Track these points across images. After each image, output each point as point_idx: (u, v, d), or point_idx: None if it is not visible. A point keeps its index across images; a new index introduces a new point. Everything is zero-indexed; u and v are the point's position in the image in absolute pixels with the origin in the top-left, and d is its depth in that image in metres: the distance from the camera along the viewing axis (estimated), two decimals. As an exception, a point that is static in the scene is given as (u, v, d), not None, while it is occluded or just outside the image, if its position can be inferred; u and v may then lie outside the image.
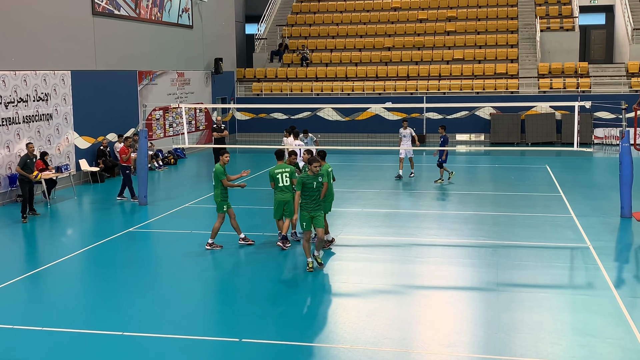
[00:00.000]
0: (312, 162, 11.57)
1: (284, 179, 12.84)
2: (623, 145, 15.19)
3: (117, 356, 8.38)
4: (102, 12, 22.28)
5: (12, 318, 9.63)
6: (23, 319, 9.64)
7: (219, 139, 21.91)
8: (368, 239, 14.00)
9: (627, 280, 11.07)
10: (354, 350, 8.40)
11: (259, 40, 36.29)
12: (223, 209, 13.06)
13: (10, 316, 9.73)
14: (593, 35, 37.69)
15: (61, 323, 9.46)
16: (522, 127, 29.19)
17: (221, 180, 12.89)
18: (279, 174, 12.85)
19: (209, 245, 13.12)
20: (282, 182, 12.84)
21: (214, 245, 13.12)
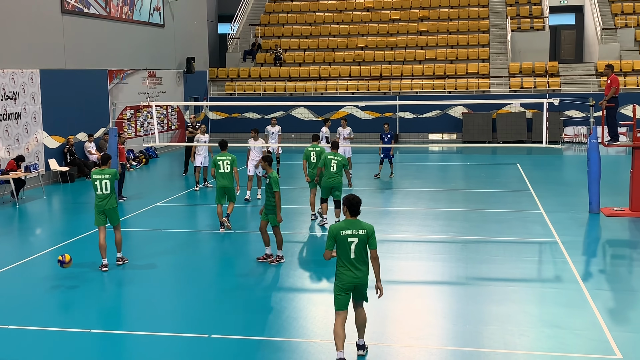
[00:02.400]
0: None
1: (224, 166, 13.96)
2: (591, 141, 15.39)
3: (85, 353, 8.30)
4: (71, 11, 22.05)
5: (-23, 317, 9.49)
6: (-12, 317, 9.51)
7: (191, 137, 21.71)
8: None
9: (594, 274, 11.22)
10: (323, 345, 8.41)
11: (232, 40, 36.18)
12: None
13: (-24, 315, 9.59)
14: (563, 35, 38.14)
15: (30, 321, 9.34)
16: (493, 126, 29.44)
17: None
18: (220, 161, 13.96)
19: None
20: (223, 168, 13.93)
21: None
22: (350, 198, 7.69)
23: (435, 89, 30.79)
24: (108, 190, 11.57)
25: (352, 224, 7.65)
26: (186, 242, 13.72)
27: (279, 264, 11.75)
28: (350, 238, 7.61)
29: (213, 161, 14.14)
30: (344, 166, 14.29)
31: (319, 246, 13.37)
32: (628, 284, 10.71)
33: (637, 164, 15.11)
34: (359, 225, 7.66)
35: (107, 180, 11.55)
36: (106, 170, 11.70)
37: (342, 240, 7.62)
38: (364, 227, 7.64)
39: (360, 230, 7.63)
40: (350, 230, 7.62)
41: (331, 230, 7.67)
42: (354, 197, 7.72)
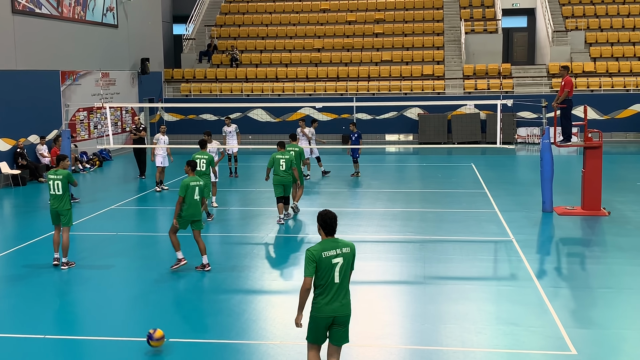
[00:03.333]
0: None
1: (201, 164, 14.53)
2: (544, 142, 15.68)
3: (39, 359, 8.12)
4: (22, 11, 21.57)
5: None
6: (-63, 325, 9.22)
7: (138, 140, 21.45)
8: (298, 237, 14.03)
9: (549, 272, 11.43)
10: (283, 346, 8.39)
11: (187, 41, 35.86)
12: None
13: None
14: (515, 38, 38.82)
15: (-21, 328, 9.10)
16: (448, 127, 29.79)
17: None
18: (197, 159, 14.47)
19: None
20: (200, 167, 14.42)
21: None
22: (324, 214, 6.63)
23: (391, 90, 31.04)
24: (60, 191, 11.45)
25: (332, 243, 6.58)
26: (141, 245, 13.54)
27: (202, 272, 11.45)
28: (335, 259, 6.52)
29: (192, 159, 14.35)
30: (292, 164, 14.87)
31: (278, 247, 13.34)
32: (582, 281, 10.94)
33: (588, 163, 15.46)
34: (340, 243, 6.61)
35: (59, 181, 11.42)
36: (59, 170, 11.58)
37: (326, 264, 6.50)
38: (347, 245, 6.63)
39: (345, 249, 6.60)
40: (334, 250, 6.54)
41: (311, 253, 6.49)
42: (327, 212, 6.65)
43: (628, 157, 25.69)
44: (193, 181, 11.24)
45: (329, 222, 6.60)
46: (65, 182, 11.50)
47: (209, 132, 18.01)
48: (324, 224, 6.61)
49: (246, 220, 15.63)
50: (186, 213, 11.17)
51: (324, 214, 6.63)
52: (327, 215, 6.62)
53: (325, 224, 6.61)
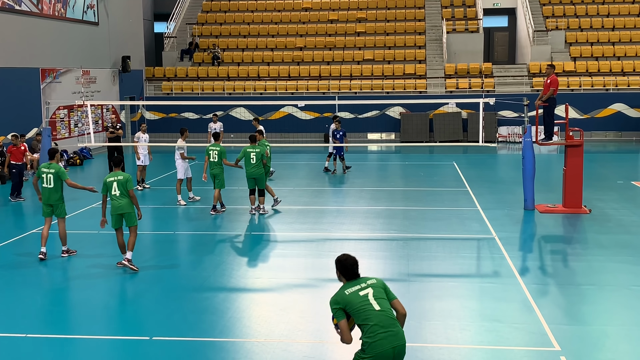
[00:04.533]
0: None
1: (213, 155, 15.50)
2: (525, 140, 15.77)
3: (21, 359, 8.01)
4: (1, 7, 21.33)
5: None
6: None
7: (113, 138, 21.18)
8: (282, 235, 13.99)
9: (531, 269, 11.50)
10: (268, 344, 8.36)
11: (169, 39, 35.65)
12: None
13: None
14: (496, 37, 39.05)
15: (-42, 328, 8.97)
16: (430, 126, 29.90)
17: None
18: (211, 151, 15.55)
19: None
20: (212, 158, 15.44)
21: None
22: (342, 260, 5.82)
23: (373, 89, 31.08)
24: (52, 185, 11.88)
25: (355, 282, 5.81)
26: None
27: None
28: (363, 291, 5.74)
29: (206, 150, 15.62)
30: (262, 157, 15.40)
31: (261, 245, 13.29)
32: (564, 278, 11.02)
33: (569, 162, 15.57)
34: (363, 279, 5.84)
35: (52, 175, 11.85)
36: (52, 164, 12.01)
37: (354, 300, 5.67)
38: (370, 278, 5.87)
39: (369, 281, 5.81)
40: (358, 285, 5.77)
41: (334, 300, 5.76)
42: (347, 258, 5.83)
43: (608, 156, 25.93)
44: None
45: (347, 267, 5.80)
46: (56, 176, 11.87)
47: (184, 129, 18.04)
48: (344, 269, 5.81)
49: (227, 217, 15.56)
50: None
51: (342, 260, 5.82)
52: (347, 261, 5.80)
53: (344, 268, 5.81)
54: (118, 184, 11.19)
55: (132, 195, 11.25)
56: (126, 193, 11.23)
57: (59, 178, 11.92)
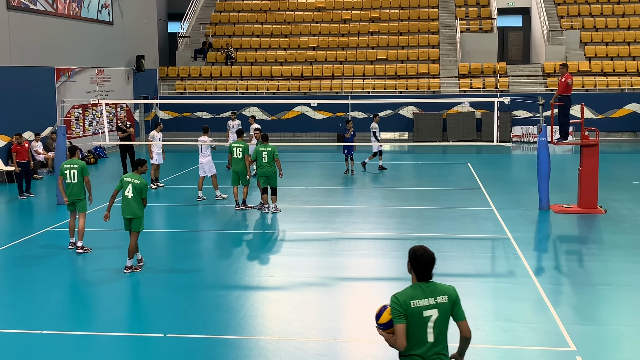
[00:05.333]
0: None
1: (237, 152, 15.74)
2: (540, 139, 15.68)
3: (38, 355, 8.05)
4: (17, 7, 21.47)
5: None
6: None
7: (125, 138, 21.31)
8: (295, 234, 13.98)
9: (546, 269, 11.43)
10: (281, 342, 8.35)
11: (182, 39, 35.76)
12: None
13: None
14: (510, 37, 38.88)
15: (-26, 324, 9.03)
16: (443, 125, 29.80)
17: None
18: (234, 148, 15.81)
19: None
20: (236, 154, 15.81)
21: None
22: (417, 252, 5.08)
23: (386, 89, 31.01)
24: (76, 180, 12.29)
25: (426, 290, 5.08)
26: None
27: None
28: (427, 311, 5.04)
29: (229, 147, 16.09)
30: (274, 156, 15.38)
31: (274, 243, 13.28)
32: (580, 278, 10.94)
33: (585, 161, 15.46)
34: (436, 289, 5.12)
35: (75, 170, 12.29)
36: (74, 160, 12.44)
37: (415, 316, 5.01)
38: (444, 292, 5.13)
39: (441, 298, 5.10)
40: (427, 299, 5.04)
41: (396, 299, 5.04)
42: (423, 251, 5.08)
43: (623, 156, 25.75)
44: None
45: (423, 264, 5.07)
46: (79, 172, 12.29)
47: (206, 127, 18.14)
48: (417, 264, 5.08)
49: (241, 215, 15.57)
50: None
51: (417, 252, 5.08)
52: (423, 257, 5.06)
53: (417, 264, 5.08)
54: (133, 187, 11.04)
55: (144, 203, 11.11)
56: (139, 198, 11.04)
57: (82, 173, 12.30)
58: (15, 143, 18.46)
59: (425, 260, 5.06)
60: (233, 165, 15.92)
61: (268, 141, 15.83)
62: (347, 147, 21.04)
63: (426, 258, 5.06)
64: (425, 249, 5.09)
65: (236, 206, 16.05)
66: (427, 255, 5.06)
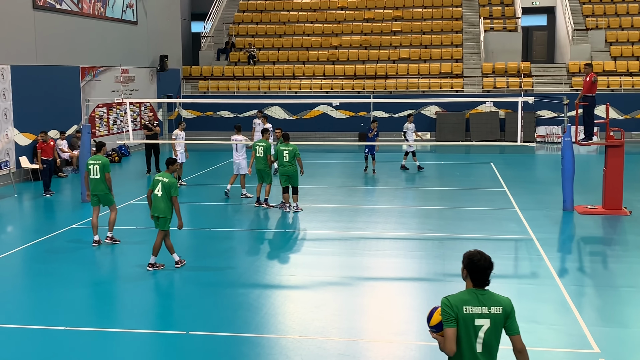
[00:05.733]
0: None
1: (259, 151, 15.96)
2: (565, 140, 15.53)
3: (60, 351, 8.14)
4: (43, 6, 21.71)
5: (-53, 315, 9.28)
6: (-41, 316, 9.29)
7: (151, 136, 21.66)
8: (316, 233, 13.99)
9: (570, 270, 11.32)
10: (302, 341, 8.36)
11: (205, 38, 35.93)
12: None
13: (-54, 313, 9.37)
14: (535, 36, 38.55)
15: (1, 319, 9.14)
16: (466, 125, 29.63)
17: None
18: (257, 146, 15.99)
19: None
20: (258, 153, 15.96)
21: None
22: (473, 257, 4.85)
23: (409, 88, 30.90)
24: (98, 175, 12.57)
25: (480, 297, 4.83)
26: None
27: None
28: (480, 320, 4.80)
29: (252, 146, 16.30)
30: (295, 155, 15.43)
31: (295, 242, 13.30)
32: (604, 279, 10.82)
33: (610, 162, 15.29)
34: (492, 299, 4.87)
35: (97, 166, 12.56)
36: (98, 156, 12.81)
37: (466, 322, 4.78)
38: (499, 302, 4.87)
39: (495, 308, 4.83)
40: (480, 307, 4.80)
41: (448, 302, 4.81)
42: (480, 256, 4.85)
43: (649, 157, 25.40)
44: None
45: (481, 270, 4.82)
46: (102, 168, 12.55)
47: (239, 125, 18.22)
48: (474, 270, 4.84)
49: (262, 214, 15.61)
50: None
51: (474, 257, 4.84)
52: (480, 262, 4.82)
53: (475, 270, 4.84)
54: (162, 185, 11.07)
55: (174, 201, 11.08)
56: (167, 197, 11.06)
57: (103, 170, 12.56)
58: (41, 141, 18.73)
59: (484, 266, 4.82)
60: (256, 163, 16.08)
61: (289, 140, 15.87)
62: (368, 147, 21.05)
63: (484, 263, 4.82)
64: (482, 253, 4.86)
65: (256, 202, 16.19)
66: (484, 260, 4.82)
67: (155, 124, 22.07)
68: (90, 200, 12.90)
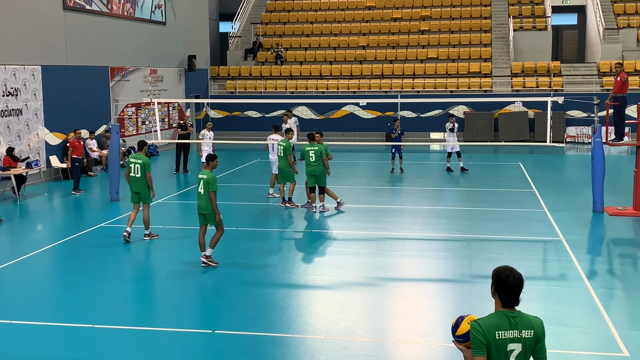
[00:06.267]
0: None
1: (279, 150, 16.13)
2: (595, 140, 15.32)
3: (88, 349, 8.23)
4: (73, 7, 21.98)
5: (-22, 312, 9.43)
6: (-10, 312, 9.44)
7: (184, 136, 21.97)
8: (342, 233, 13.96)
9: (600, 272, 11.15)
10: (327, 341, 8.34)
11: (233, 39, 36.10)
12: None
13: (-23, 310, 9.53)
14: (565, 35, 38.09)
15: (31, 316, 9.28)
16: (495, 125, 29.37)
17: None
18: (280, 146, 16.13)
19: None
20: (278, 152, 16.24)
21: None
22: (502, 273, 4.54)
23: (437, 88, 30.72)
24: (139, 174, 12.93)
25: (512, 320, 4.52)
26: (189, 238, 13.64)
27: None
28: (512, 344, 4.53)
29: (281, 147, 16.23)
30: (321, 155, 15.47)
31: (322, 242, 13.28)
32: (633, 282, 10.64)
33: (641, 163, 15.04)
34: (523, 322, 4.55)
35: (138, 165, 12.92)
36: (139, 155, 13.14)
37: (498, 349, 4.51)
38: (531, 326, 4.56)
39: (526, 332, 4.54)
40: (511, 332, 4.52)
41: (479, 327, 4.50)
42: (509, 272, 4.54)
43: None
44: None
45: (509, 287, 4.51)
46: (142, 166, 12.87)
47: (277, 125, 18.36)
48: (502, 287, 4.53)
49: (288, 214, 15.63)
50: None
51: (501, 274, 4.54)
52: (509, 279, 4.52)
53: (503, 288, 4.53)
54: (203, 183, 11.25)
55: (210, 196, 11.20)
56: (207, 193, 11.22)
57: (144, 169, 12.87)
58: (75, 138, 18.93)
59: (512, 283, 4.50)
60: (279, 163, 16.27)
61: (315, 140, 15.87)
62: (395, 146, 21.02)
63: (512, 280, 4.50)
64: (512, 270, 4.55)
65: (282, 202, 16.25)
66: (513, 277, 4.51)
67: (189, 124, 22.38)
68: (131, 196, 13.22)
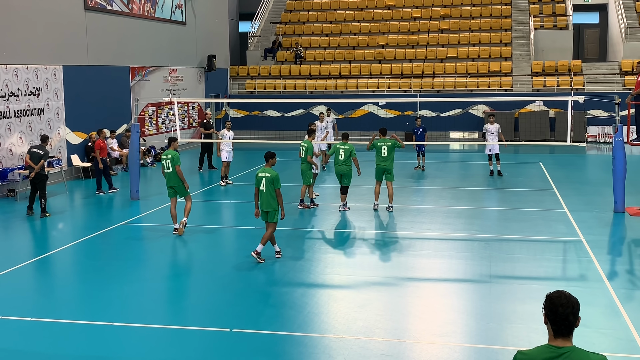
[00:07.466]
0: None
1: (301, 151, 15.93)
2: (616, 140, 15.17)
3: (107, 346, 8.30)
4: (94, 7, 22.17)
5: (1, 309, 9.54)
6: (13, 309, 9.54)
7: (208, 135, 22.23)
8: (360, 233, 13.96)
9: (620, 273, 11.05)
10: (345, 340, 8.35)
11: (253, 38, 36.20)
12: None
13: (0, 307, 9.65)
14: (586, 34, 37.75)
15: (52, 314, 9.38)
16: (515, 124, 29.18)
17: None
18: (301, 147, 15.91)
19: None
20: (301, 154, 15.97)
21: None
22: (555, 299, 3.92)
23: (456, 87, 30.60)
24: (170, 169, 13.49)
25: (564, 356, 3.94)
26: (208, 237, 13.72)
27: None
28: None
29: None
30: (351, 154, 15.54)
31: (340, 241, 13.28)
32: (655, 283, 10.54)
33: (663, 162, 14.87)
34: (573, 356, 3.93)
35: (169, 160, 13.47)
36: (169, 151, 13.69)
37: None
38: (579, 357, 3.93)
39: None
40: None
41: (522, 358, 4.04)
42: (562, 302, 3.90)
43: None
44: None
45: (559, 315, 3.91)
46: (172, 161, 13.38)
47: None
48: (553, 315, 3.93)
49: (305, 213, 15.64)
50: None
51: (553, 299, 3.94)
52: (559, 297, 3.94)
53: (553, 312, 3.93)
54: (266, 180, 11.36)
55: (277, 193, 11.35)
56: (272, 190, 11.35)
57: (173, 163, 13.36)
58: (100, 139, 18.90)
59: (564, 313, 3.89)
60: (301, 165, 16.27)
61: (348, 140, 16.03)
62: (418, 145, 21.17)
63: (564, 309, 3.89)
64: (568, 296, 3.94)
65: (299, 204, 16.25)
66: (566, 304, 3.89)
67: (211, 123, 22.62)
68: (168, 191, 13.73)
